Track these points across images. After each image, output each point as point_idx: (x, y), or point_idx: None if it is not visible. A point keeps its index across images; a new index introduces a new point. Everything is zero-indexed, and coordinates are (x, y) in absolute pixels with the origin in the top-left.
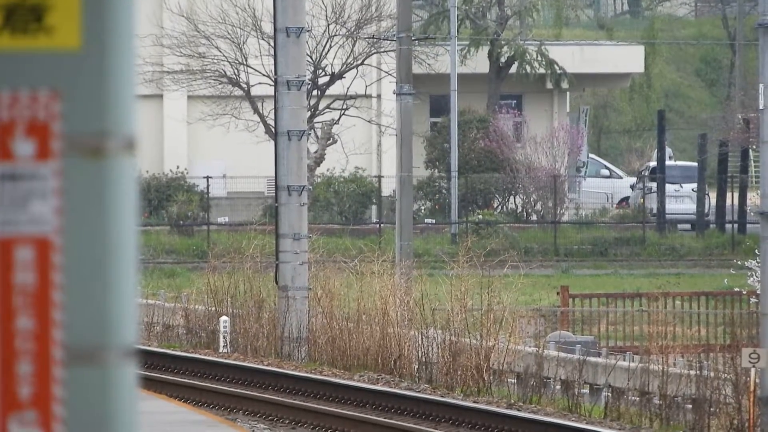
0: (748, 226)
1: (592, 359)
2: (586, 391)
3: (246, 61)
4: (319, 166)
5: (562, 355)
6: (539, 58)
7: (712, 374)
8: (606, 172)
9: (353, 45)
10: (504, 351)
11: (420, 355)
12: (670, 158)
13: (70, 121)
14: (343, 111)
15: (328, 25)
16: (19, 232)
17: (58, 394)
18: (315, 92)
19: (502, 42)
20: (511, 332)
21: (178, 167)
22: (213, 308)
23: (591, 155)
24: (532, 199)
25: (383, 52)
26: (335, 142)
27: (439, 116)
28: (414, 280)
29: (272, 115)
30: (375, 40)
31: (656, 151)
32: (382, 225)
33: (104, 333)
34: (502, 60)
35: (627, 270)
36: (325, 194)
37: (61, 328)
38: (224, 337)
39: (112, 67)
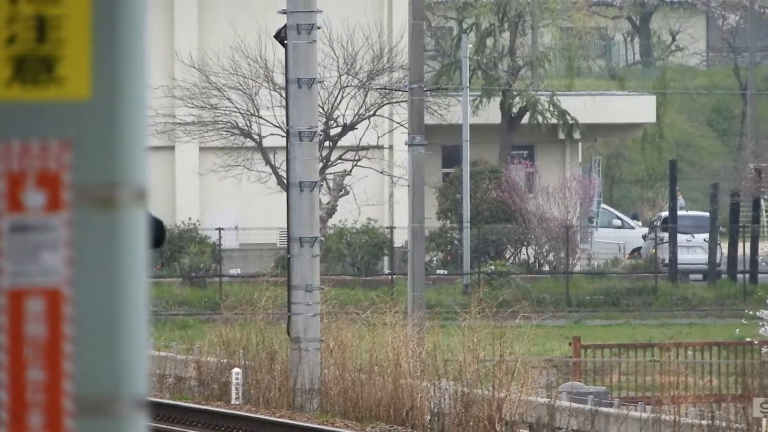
0: (759, 275)
1: (605, 410)
2: None
3: (258, 112)
4: (331, 217)
5: (575, 405)
6: (551, 109)
7: (723, 424)
8: (618, 222)
9: (365, 96)
10: (516, 402)
11: (432, 406)
12: (682, 208)
13: (81, 172)
14: (355, 162)
15: (340, 76)
16: (30, 283)
17: None
18: (327, 143)
19: (514, 92)
20: (524, 383)
21: (190, 219)
22: (225, 360)
23: (603, 205)
24: (544, 249)
25: (395, 102)
26: (347, 193)
27: (451, 167)
28: (426, 331)
29: (284, 166)
30: (387, 90)
31: (668, 200)
32: (394, 276)
33: (115, 384)
34: (514, 110)
35: (639, 320)
36: (337, 245)
37: (71, 380)
38: (236, 389)
39: (123, 117)
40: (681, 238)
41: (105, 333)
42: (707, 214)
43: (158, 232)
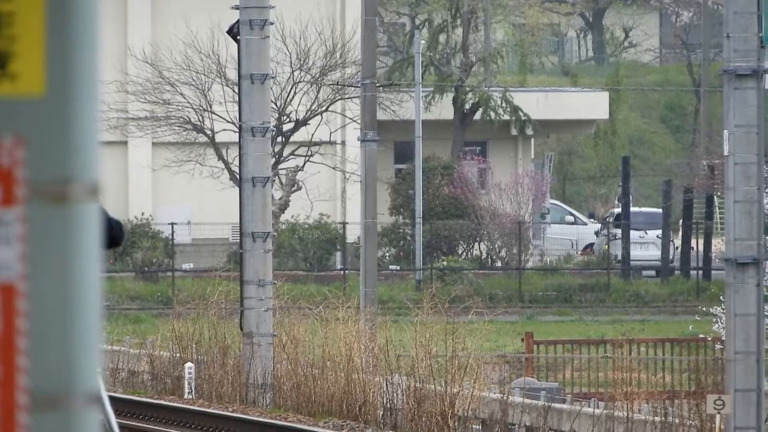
0: (712, 272)
1: (557, 405)
2: None
3: (210, 107)
4: (283, 212)
5: (527, 401)
6: (504, 105)
7: (677, 421)
8: (570, 218)
9: (318, 91)
10: (469, 397)
11: (385, 401)
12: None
13: (34, 168)
14: (307, 157)
15: (293, 71)
16: None
17: None
18: (279, 139)
19: (467, 88)
20: (476, 378)
21: (143, 214)
22: (178, 354)
23: (555, 201)
24: (496, 245)
25: (348, 98)
26: (300, 188)
27: (403, 163)
28: (379, 326)
29: (237, 162)
30: (339, 86)
31: (621, 197)
32: (346, 271)
33: (69, 379)
34: (467, 106)
35: (592, 316)
36: (289, 241)
37: (25, 374)
38: (189, 384)
39: (77, 113)
40: (634, 234)
41: (59, 328)
42: (660, 210)
43: (117, 232)
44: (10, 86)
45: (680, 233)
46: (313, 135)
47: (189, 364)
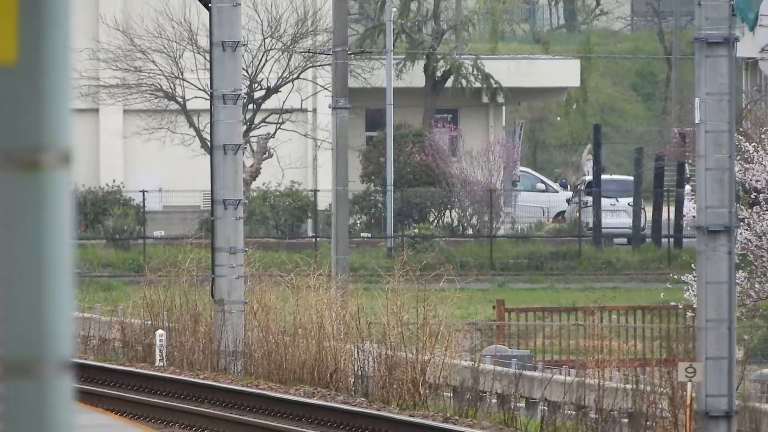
0: (684, 240)
1: (528, 373)
2: (522, 405)
3: (182, 75)
4: (254, 180)
5: (498, 369)
6: (475, 72)
7: (648, 388)
8: (542, 186)
9: (289, 59)
10: (440, 365)
11: (356, 368)
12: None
13: (6, 135)
14: (278, 125)
15: (264, 39)
16: None
17: None
18: (251, 106)
19: (438, 56)
20: (447, 346)
21: (114, 181)
22: (149, 322)
23: (526, 169)
24: (467, 213)
25: (319, 66)
26: (271, 156)
27: (374, 130)
28: (350, 294)
29: (208, 129)
30: (311, 54)
31: (590, 162)
32: (317, 239)
33: (40, 346)
34: (438, 74)
35: (563, 284)
36: (260, 208)
37: None
38: (160, 351)
39: (48, 81)
40: (605, 202)
41: (30, 295)
42: (631, 178)
43: None
44: None
45: (652, 201)
46: (284, 102)
47: (160, 331)
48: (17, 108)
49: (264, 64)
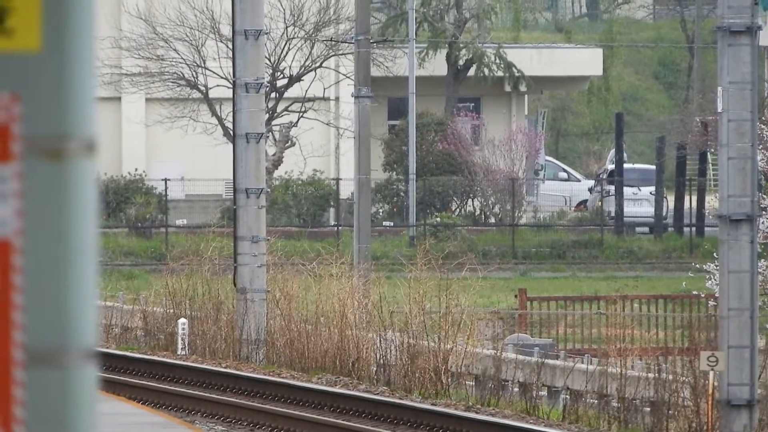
0: (706, 229)
1: (551, 362)
2: (545, 393)
3: (204, 63)
4: (277, 168)
5: (520, 357)
6: (497, 61)
7: (670, 377)
8: (564, 175)
9: (311, 48)
10: (462, 353)
11: (378, 357)
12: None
13: (30, 124)
14: (301, 114)
15: (287, 27)
16: None
17: (18, 396)
18: (273, 95)
19: (461, 45)
20: (470, 335)
21: (136, 170)
22: (171, 310)
23: (549, 158)
24: (490, 201)
25: (341, 54)
26: (293, 144)
27: (397, 119)
28: (372, 282)
29: (230, 118)
30: (333, 42)
31: (613, 153)
32: (340, 228)
33: (64, 335)
34: (460, 63)
35: (585, 273)
36: (283, 197)
37: (21, 330)
38: (182, 339)
39: (72, 69)
40: (627, 191)
41: (54, 284)
42: (653, 167)
43: None
44: (6, 42)
45: (674, 190)
46: (306, 91)
47: (182, 320)
48: (41, 96)
49: (286, 53)
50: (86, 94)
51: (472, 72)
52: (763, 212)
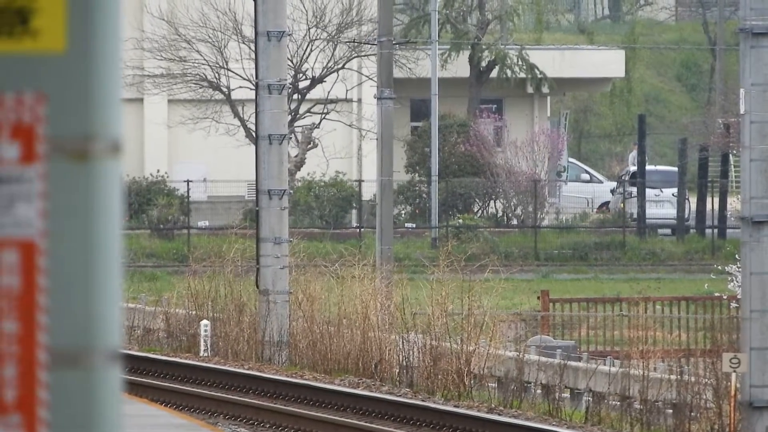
0: (728, 230)
1: (573, 364)
2: (567, 395)
3: (227, 64)
4: (299, 170)
5: (543, 359)
6: (520, 63)
7: (692, 379)
8: (586, 176)
9: (334, 49)
10: (485, 355)
11: (401, 359)
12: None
13: (56, 124)
14: (323, 115)
15: (309, 29)
16: (4, 235)
17: (43, 397)
18: (296, 96)
19: (483, 46)
20: (492, 336)
21: (158, 171)
22: (194, 312)
23: (571, 159)
24: (512, 203)
25: (364, 56)
26: (316, 146)
27: (419, 120)
28: (394, 284)
29: (253, 119)
30: (356, 44)
31: (635, 155)
32: (362, 229)
33: (89, 336)
34: (483, 64)
35: (607, 275)
36: (305, 198)
37: (45, 332)
38: (205, 341)
39: (98, 69)
40: (649, 192)
41: (79, 285)
42: (676, 168)
43: None
44: (31, 42)
45: (696, 192)
46: (329, 92)
47: (205, 321)
48: (66, 97)
49: (309, 54)
50: (111, 95)
51: (494, 73)
52: None
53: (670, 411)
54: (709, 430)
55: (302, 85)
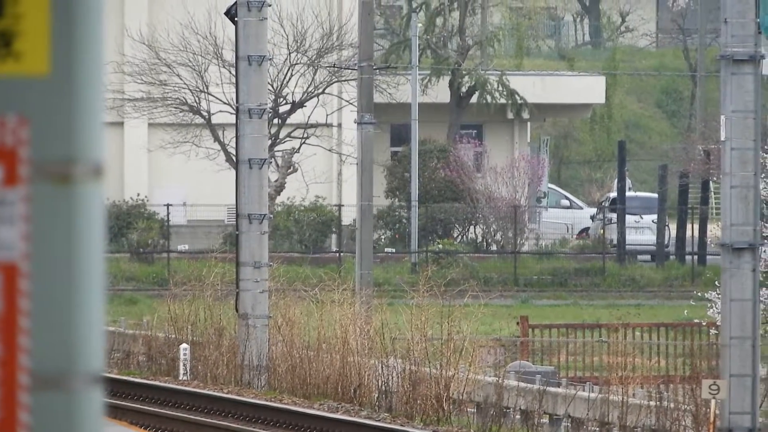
0: (708, 257)
1: (552, 389)
2: (546, 421)
3: (207, 89)
4: (279, 194)
5: (522, 385)
6: (500, 88)
7: (672, 405)
8: (566, 202)
9: (314, 74)
10: (464, 380)
11: (380, 383)
12: (630, 189)
13: (38, 147)
14: (303, 140)
15: (290, 53)
16: None
17: (25, 419)
18: (276, 121)
19: (463, 72)
20: (471, 362)
21: (138, 195)
22: (173, 336)
23: (551, 185)
24: (492, 229)
25: (344, 81)
26: (296, 170)
27: (399, 145)
28: (374, 309)
29: (233, 143)
30: (336, 69)
31: (616, 181)
32: (342, 254)
33: (70, 359)
34: (463, 90)
35: (587, 300)
36: (285, 223)
37: (27, 354)
38: (184, 365)
39: (80, 93)
40: (629, 218)
41: (61, 308)
42: (656, 195)
43: None
44: (14, 65)
45: (676, 218)
46: (309, 117)
47: (184, 345)
48: (49, 120)
49: (289, 79)
50: (94, 118)
51: (474, 99)
52: (766, 241)
53: None
54: None
55: (282, 109)
